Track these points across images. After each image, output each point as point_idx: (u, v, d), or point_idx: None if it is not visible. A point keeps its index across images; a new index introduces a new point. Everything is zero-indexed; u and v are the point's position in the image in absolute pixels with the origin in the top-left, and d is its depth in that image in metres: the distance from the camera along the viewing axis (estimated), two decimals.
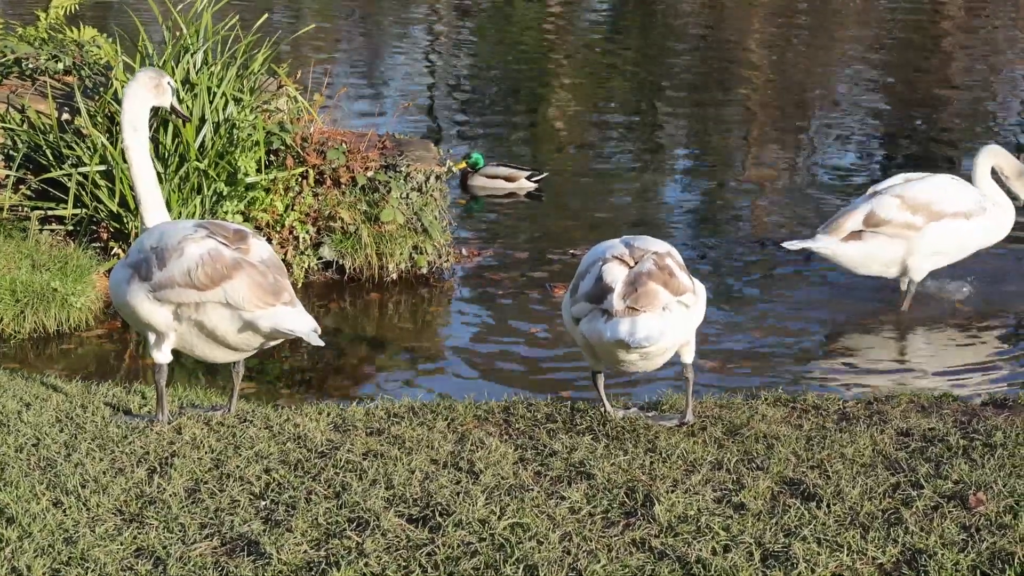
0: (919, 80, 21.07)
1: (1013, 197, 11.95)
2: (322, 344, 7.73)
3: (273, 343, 7.93)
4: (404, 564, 6.20)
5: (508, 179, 14.99)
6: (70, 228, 11.43)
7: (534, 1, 26.93)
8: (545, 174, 15.17)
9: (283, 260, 9.42)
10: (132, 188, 8.34)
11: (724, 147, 17.26)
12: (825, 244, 11.36)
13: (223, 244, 7.64)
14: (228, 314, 7.59)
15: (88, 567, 6.13)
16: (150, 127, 9.07)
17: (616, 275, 7.58)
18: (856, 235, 11.33)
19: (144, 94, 8.28)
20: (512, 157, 16.35)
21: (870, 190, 11.64)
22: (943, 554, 6.28)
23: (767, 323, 11.33)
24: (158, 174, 9.57)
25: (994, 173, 11.92)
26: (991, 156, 11.98)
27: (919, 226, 11.40)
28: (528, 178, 15.02)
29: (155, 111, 9.16)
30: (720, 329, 11.06)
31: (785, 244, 11.52)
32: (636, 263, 7.63)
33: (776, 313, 11.53)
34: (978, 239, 11.71)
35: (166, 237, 7.71)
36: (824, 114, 18.86)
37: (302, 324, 7.64)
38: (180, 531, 6.52)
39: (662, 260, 7.64)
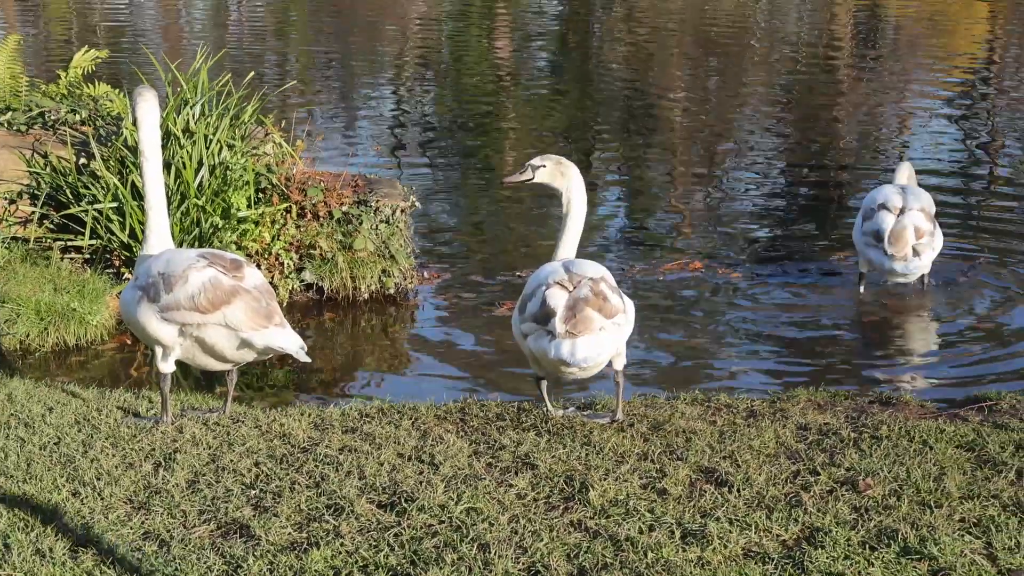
0: (815, 116, 21.15)
1: None
2: (308, 360, 7.76)
3: (265, 357, 7.93)
4: (375, 544, 6.20)
5: None
6: (87, 256, 11.38)
7: (483, 65, 26.95)
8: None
9: (270, 283, 9.38)
10: (145, 198, 8.15)
11: (649, 181, 17.26)
12: (920, 264, 11.53)
13: (222, 272, 7.62)
14: (226, 333, 7.59)
15: (102, 548, 6.12)
16: None
17: (558, 300, 7.60)
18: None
19: (156, 109, 8.20)
20: (467, 191, 16.33)
21: (891, 206, 11.60)
22: (837, 531, 6.32)
23: (688, 335, 11.32)
24: None
25: None
26: (910, 166, 12.34)
27: (933, 231, 11.68)
28: None
29: None
30: (649, 339, 11.06)
31: (899, 269, 11.56)
32: (575, 288, 7.65)
33: (697, 327, 11.51)
34: None
35: (172, 264, 7.68)
36: (736, 152, 18.88)
37: (291, 343, 7.65)
38: (182, 517, 6.50)
39: (597, 286, 7.65)
